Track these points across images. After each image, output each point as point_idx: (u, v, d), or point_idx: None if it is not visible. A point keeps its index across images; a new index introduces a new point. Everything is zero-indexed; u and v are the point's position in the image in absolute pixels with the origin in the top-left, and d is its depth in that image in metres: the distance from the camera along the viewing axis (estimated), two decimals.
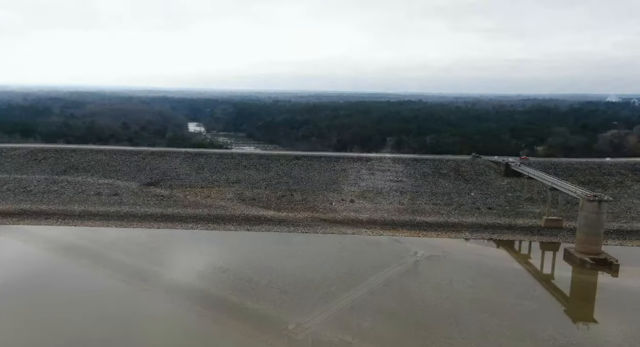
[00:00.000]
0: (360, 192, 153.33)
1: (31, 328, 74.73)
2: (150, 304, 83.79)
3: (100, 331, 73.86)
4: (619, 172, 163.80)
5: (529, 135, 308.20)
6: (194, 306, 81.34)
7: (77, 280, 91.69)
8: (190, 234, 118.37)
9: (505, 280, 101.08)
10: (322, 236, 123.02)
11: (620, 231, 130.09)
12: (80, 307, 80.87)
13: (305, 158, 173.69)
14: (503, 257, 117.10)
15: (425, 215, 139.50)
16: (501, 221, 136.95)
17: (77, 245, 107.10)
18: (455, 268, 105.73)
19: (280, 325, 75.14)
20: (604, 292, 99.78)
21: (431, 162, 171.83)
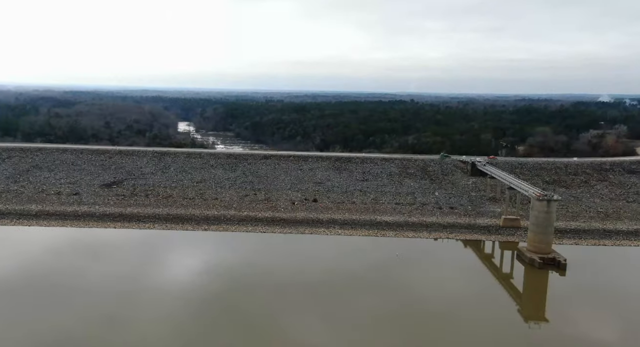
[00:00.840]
0: (325, 191, 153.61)
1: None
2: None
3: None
4: (584, 171, 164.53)
5: (511, 135, 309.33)
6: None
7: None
8: (143, 234, 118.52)
9: (450, 279, 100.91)
10: (278, 236, 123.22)
11: (577, 230, 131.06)
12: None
13: (274, 157, 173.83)
14: (456, 256, 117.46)
15: (386, 214, 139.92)
16: (461, 221, 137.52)
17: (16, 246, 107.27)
18: (406, 267, 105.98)
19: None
20: (549, 291, 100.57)
21: (399, 162, 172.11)
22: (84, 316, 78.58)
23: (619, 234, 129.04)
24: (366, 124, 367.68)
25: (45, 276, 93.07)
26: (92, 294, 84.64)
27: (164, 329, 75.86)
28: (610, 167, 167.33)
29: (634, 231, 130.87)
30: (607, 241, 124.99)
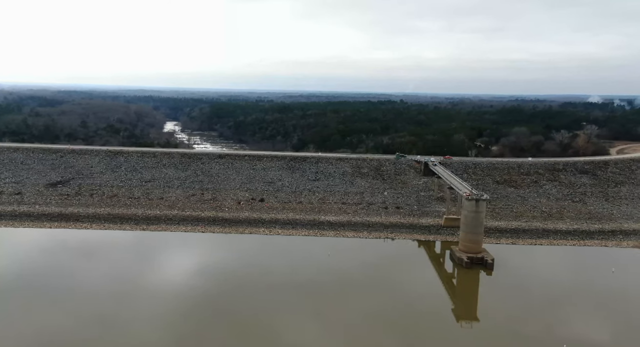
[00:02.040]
0: (274, 191, 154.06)
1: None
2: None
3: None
4: (536, 171, 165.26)
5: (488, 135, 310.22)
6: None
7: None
8: (77, 234, 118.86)
9: (383, 279, 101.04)
10: (216, 235, 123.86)
11: (516, 230, 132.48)
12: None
13: (229, 157, 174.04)
14: (392, 256, 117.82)
15: (331, 214, 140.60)
16: (405, 220, 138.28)
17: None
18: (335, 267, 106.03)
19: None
20: (475, 290, 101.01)
21: (354, 162, 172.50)
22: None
23: (557, 233, 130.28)
24: (345, 124, 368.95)
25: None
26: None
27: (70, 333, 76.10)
28: (563, 167, 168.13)
29: (573, 230, 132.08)
30: (543, 240, 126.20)
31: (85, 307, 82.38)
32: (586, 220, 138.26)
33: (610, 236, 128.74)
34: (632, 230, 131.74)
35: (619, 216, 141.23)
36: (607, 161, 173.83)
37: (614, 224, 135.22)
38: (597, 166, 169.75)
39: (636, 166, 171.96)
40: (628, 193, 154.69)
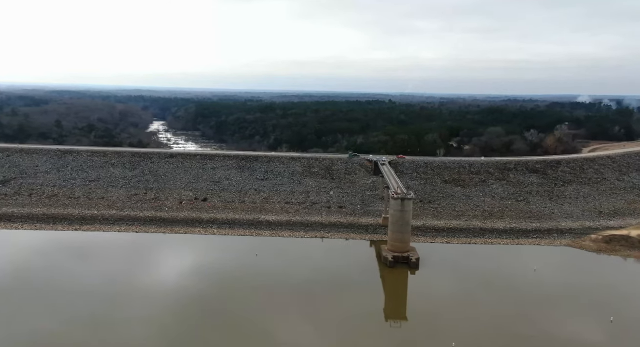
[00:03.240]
0: (219, 190, 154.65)
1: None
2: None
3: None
4: (487, 171, 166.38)
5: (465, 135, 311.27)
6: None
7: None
8: (4, 234, 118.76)
9: (312, 280, 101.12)
10: (150, 235, 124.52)
11: (454, 229, 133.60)
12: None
13: (180, 156, 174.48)
14: (325, 256, 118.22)
15: (272, 214, 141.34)
16: (345, 220, 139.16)
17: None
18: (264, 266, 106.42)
19: None
20: (397, 289, 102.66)
21: (306, 161, 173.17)
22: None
23: (494, 232, 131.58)
24: (323, 124, 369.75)
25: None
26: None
27: None
28: (514, 166, 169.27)
29: (510, 229, 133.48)
30: (478, 239, 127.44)
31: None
32: (525, 219, 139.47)
33: (546, 234, 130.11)
34: (568, 228, 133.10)
35: (559, 214, 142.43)
36: (559, 160, 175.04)
37: (552, 223, 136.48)
38: (548, 165, 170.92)
39: (588, 165, 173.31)
40: (573, 192, 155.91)
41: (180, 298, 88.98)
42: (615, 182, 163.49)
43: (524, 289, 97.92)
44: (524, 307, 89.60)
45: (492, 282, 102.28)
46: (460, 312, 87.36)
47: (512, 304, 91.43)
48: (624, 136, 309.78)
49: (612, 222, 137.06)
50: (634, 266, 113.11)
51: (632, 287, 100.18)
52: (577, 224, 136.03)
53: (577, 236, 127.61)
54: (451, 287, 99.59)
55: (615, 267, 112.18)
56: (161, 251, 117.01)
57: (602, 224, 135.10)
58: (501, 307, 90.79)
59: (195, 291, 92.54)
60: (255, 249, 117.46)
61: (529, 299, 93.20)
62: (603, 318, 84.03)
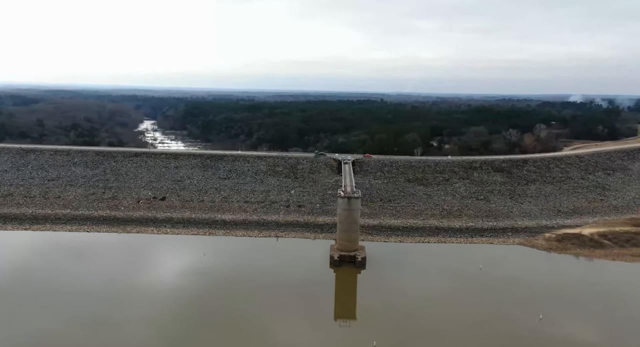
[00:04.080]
0: (179, 189, 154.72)
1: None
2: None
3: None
4: (452, 170, 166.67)
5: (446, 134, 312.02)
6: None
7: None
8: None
9: (253, 278, 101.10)
10: (101, 235, 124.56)
11: (409, 228, 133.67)
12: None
13: (144, 155, 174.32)
14: (273, 255, 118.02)
15: (229, 213, 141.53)
16: (302, 219, 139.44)
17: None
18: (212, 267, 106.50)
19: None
20: (333, 288, 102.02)
21: (272, 160, 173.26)
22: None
23: (449, 231, 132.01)
24: (307, 123, 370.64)
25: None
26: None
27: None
28: (480, 165, 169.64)
29: (466, 228, 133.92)
30: (432, 238, 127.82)
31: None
32: (483, 218, 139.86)
33: (501, 233, 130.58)
34: (524, 227, 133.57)
35: (517, 213, 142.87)
36: (526, 159, 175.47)
37: (509, 222, 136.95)
38: (514, 164, 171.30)
39: (554, 165, 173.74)
40: (535, 191, 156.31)
41: (108, 298, 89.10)
42: (579, 181, 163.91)
43: (465, 287, 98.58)
44: (461, 305, 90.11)
45: (434, 280, 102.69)
46: (403, 310, 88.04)
47: (450, 302, 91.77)
48: (607, 136, 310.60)
49: (570, 221, 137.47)
50: (578, 263, 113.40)
51: (567, 286, 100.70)
52: (534, 223, 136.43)
53: (532, 234, 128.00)
54: (395, 285, 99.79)
55: (557, 265, 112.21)
56: (104, 251, 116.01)
57: (559, 223, 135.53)
58: (440, 305, 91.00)
59: (125, 290, 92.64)
60: (205, 248, 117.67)
61: (467, 297, 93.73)
62: (531, 316, 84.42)
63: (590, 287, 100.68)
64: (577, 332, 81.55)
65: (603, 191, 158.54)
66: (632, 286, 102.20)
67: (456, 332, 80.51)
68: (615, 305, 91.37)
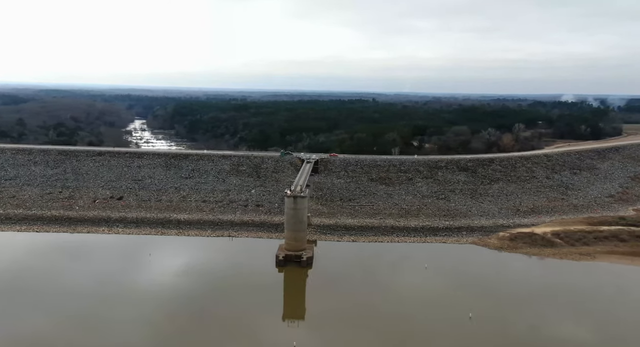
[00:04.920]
0: (138, 188, 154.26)
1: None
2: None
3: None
4: (416, 169, 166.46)
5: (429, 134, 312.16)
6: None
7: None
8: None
9: (200, 279, 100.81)
10: (49, 235, 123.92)
11: (364, 227, 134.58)
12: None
13: (108, 154, 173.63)
14: (222, 254, 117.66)
15: (185, 212, 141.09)
16: (258, 218, 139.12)
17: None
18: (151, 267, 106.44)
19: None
20: (295, 288, 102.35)
21: (237, 159, 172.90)
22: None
23: (404, 230, 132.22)
24: (291, 123, 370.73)
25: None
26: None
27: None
28: (445, 164, 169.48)
29: (421, 227, 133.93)
30: (386, 237, 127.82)
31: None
32: (441, 217, 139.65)
33: (455, 232, 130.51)
34: (480, 226, 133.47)
35: (475, 212, 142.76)
36: (492, 159, 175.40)
37: (466, 221, 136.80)
38: (480, 164, 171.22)
39: (521, 164, 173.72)
40: (497, 190, 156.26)
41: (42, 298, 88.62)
42: (543, 181, 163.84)
43: (406, 286, 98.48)
44: (399, 304, 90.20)
45: (377, 279, 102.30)
46: (346, 310, 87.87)
47: (389, 301, 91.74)
48: (590, 135, 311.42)
49: (527, 220, 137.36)
50: (523, 262, 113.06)
51: (504, 284, 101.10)
52: (491, 222, 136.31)
53: (487, 234, 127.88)
54: (339, 285, 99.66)
55: (503, 264, 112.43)
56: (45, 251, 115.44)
57: (516, 222, 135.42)
58: (379, 304, 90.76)
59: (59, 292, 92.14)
60: (154, 248, 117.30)
61: (406, 296, 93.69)
62: (463, 314, 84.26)
63: (526, 285, 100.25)
64: (503, 329, 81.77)
65: (566, 190, 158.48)
66: (568, 283, 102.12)
67: (392, 330, 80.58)
68: (544, 302, 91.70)
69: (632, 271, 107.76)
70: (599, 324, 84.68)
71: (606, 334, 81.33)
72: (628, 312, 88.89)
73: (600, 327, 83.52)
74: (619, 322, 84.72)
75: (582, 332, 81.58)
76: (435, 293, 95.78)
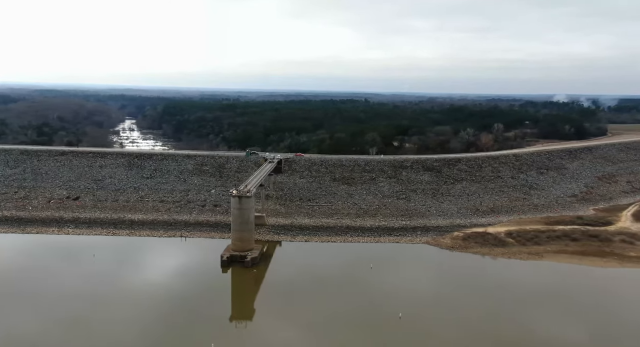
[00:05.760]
0: (97, 188, 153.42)
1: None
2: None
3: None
4: (381, 169, 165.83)
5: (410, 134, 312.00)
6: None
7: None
8: None
9: (156, 282, 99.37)
10: None
11: (319, 227, 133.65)
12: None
13: (71, 154, 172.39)
14: (169, 255, 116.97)
15: (140, 213, 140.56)
16: (214, 219, 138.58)
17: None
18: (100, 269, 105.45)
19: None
20: (244, 289, 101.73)
21: (201, 159, 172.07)
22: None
23: (358, 230, 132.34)
24: (275, 122, 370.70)
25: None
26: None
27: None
28: (411, 164, 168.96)
29: (377, 227, 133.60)
30: (339, 237, 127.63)
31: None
32: (398, 217, 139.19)
33: (411, 232, 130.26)
34: (436, 226, 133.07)
35: (434, 212, 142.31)
36: (459, 159, 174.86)
37: (422, 221, 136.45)
38: (447, 163, 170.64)
39: (488, 163, 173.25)
40: (460, 190, 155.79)
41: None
42: (508, 180, 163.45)
43: (349, 285, 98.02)
44: (341, 303, 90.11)
45: (322, 279, 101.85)
46: (287, 308, 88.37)
47: (333, 300, 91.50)
48: (573, 135, 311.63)
49: (484, 219, 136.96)
50: (471, 261, 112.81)
51: (445, 284, 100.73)
52: (448, 222, 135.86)
53: (442, 233, 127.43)
54: (281, 284, 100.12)
55: (449, 264, 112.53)
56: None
57: (473, 222, 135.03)
58: (323, 303, 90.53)
59: None
60: (103, 249, 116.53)
61: (347, 295, 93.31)
62: (393, 314, 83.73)
63: (460, 284, 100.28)
64: (429, 328, 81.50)
65: (529, 190, 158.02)
66: (504, 281, 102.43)
67: (335, 330, 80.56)
68: (476, 301, 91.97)
69: (576, 270, 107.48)
70: (512, 321, 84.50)
71: (517, 330, 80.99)
72: (551, 311, 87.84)
73: (512, 324, 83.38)
74: (533, 320, 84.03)
75: (492, 330, 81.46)
76: (373, 292, 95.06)
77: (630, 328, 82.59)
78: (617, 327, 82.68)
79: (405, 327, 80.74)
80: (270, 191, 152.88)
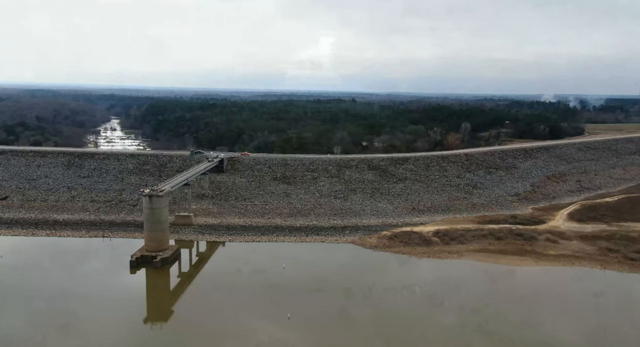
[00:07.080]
0: (29, 188, 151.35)
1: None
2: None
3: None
4: (325, 168, 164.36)
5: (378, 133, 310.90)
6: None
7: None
8: None
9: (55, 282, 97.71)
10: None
11: (246, 227, 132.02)
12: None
13: (10, 153, 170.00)
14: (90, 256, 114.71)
15: (67, 213, 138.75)
16: (140, 219, 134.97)
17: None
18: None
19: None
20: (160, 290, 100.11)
21: (144, 158, 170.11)
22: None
23: (285, 230, 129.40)
24: (247, 122, 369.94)
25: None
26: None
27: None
28: (356, 163, 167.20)
29: (306, 226, 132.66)
30: (265, 237, 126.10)
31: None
32: (330, 216, 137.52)
33: (339, 231, 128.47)
34: (367, 225, 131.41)
35: (368, 211, 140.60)
36: (407, 158, 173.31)
37: (354, 220, 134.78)
38: (394, 163, 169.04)
39: (436, 163, 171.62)
40: (401, 189, 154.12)
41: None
42: (453, 180, 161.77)
43: (260, 285, 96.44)
44: (244, 303, 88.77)
45: (233, 280, 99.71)
46: (200, 310, 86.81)
47: (240, 301, 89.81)
48: (548, 135, 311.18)
49: (419, 218, 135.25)
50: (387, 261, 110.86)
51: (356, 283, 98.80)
52: (380, 221, 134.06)
53: (370, 233, 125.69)
54: (194, 285, 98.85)
55: (365, 263, 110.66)
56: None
57: (406, 221, 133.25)
58: (233, 304, 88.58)
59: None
60: (12, 250, 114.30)
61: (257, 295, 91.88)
62: (282, 314, 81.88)
63: (366, 282, 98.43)
64: (317, 327, 79.72)
65: (472, 189, 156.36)
66: (409, 280, 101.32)
67: (244, 331, 78.95)
68: (377, 297, 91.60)
69: (487, 268, 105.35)
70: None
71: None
72: (447, 308, 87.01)
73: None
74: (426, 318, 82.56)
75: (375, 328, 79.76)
76: (279, 292, 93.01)
77: (509, 322, 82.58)
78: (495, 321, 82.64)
79: (294, 325, 78.77)
80: (206, 191, 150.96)
